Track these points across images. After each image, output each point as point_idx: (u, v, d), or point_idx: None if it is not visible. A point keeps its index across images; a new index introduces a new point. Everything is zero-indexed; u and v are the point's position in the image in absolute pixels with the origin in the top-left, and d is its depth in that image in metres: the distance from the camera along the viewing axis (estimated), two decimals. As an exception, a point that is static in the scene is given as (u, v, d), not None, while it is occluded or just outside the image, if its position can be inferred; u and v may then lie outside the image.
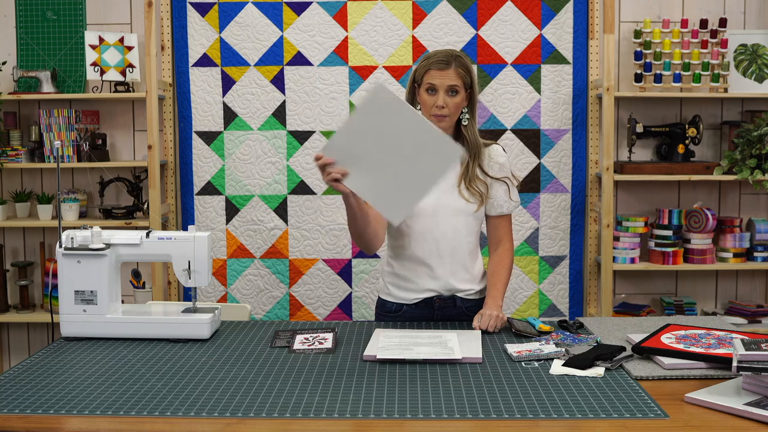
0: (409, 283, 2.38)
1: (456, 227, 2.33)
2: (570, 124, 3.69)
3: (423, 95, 2.30)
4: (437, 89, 2.27)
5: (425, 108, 2.31)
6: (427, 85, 2.28)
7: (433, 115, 2.29)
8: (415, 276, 2.36)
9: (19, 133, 3.76)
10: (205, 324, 2.16)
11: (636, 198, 3.81)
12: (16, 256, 3.92)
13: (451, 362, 1.92)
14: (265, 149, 3.71)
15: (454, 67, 2.27)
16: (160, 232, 2.25)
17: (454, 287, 2.36)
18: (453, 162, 2.06)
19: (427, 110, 2.30)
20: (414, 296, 2.37)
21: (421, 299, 2.37)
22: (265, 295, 3.75)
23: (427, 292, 2.36)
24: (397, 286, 2.40)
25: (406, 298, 2.38)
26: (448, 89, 2.27)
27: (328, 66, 3.67)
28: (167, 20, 3.71)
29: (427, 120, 2.14)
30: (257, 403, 1.66)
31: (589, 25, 3.65)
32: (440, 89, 2.27)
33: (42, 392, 1.74)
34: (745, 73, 3.66)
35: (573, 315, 3.72)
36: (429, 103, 2.29)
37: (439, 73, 2.27)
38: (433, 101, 2.28)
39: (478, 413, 1.59)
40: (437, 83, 2.27)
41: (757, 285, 3.85)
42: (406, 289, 2.38)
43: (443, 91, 2.27)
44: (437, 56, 2.30)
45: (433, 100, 2.28)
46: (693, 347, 1.88)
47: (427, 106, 2.29)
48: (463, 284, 2.37)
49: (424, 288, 2.36)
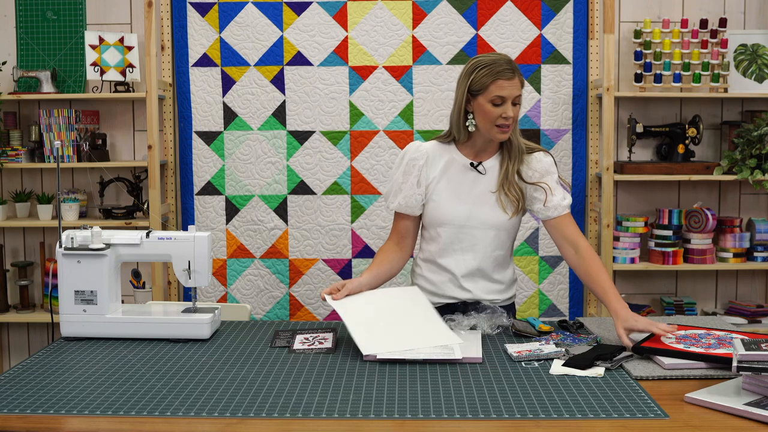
0: (435, 287, 2.36)
1: (485, 242, 2.30)
2: (570, 124, 3.69)
3: (486, 106, 2.20)
4: (506, 100, 2.19)
5: (487, 119, 2.21)
6: (494, 97, 2.18)
7: (497, 125, 2.21)
8: (441, 283, 2.35)
9: (19, 133, 3.76)
10: (205, 324, 2.16)
11: (636, 198, 3.81)
12: (16, 256, 3.92)
13: (452, 362, 1.92)
14: (265, 149, 3.71)
15: (518, 76, 2.21)
16: (160, 232, 2.25)
17: (479, 297, 2.34)
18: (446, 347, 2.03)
19: (489, 121, 2.21)
20: (438, 300, 2.36)
21: (444, 304, 2.37)
22: (265, 295, 3.76)
23: (452, 299, 2.36)
24: (424, 289, 2.38)
25: (431, 300, 2.33)
26: (514, 99, 2.21)
27: (328, 66, 3.67)
28: (167, 20, 3.71)
29: (438, 317, 2.18)
30: (257, 403, 1.66)
31: (589, 25, 3.65)
32: (508, 100, 2.19)
33: (42, 392, 1.74)
34: (745, 73, 3.66)
35: (573, 315, 3.72)
36: (494, 114, 2.19)
37: (509, 84, 2.18)
38: (499, 112, 2.19)
39: (478, 413, 1.59)
40: (506, 94, 2.18)
41: (757, 285, 3.85)
42: (432, 293, 2.37)
43: (510, 102, 2.20)
44: (501, 65, 2.19)
45: (500, 111, 2.19)
46: (693, 347, 1.88)
47: (491, 117, 2.20)
48: (489, 295, 2.35)
49: (449, 295, 2.35)
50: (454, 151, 2.34)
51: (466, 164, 2.31)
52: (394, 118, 3.67)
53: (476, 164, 2.31)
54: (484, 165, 2.31)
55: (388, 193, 2.38)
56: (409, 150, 2.36)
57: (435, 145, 2.35)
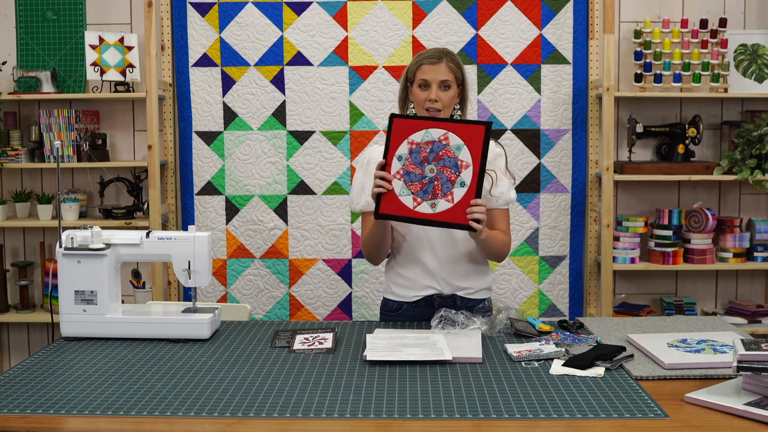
0: (408, 281, 2.38)
1: (449, 231, 2.32)
2: (570, 124, 3.69)
3: (416, 91, 2.31)
4: (430, 84, 2.28)
5: (418, 104, 2.32)
6: (419, 81, 2.29)
7: (426, 109, 2.29)
8: (414, 274, 2.37)
9: (19, 133, 3.76)
10: (205, 324, 2.16)
11: (636, 198, 3.81)
12: (16, 256, 3.92)
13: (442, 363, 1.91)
14: (265, 149, 3.71)
15: (445, 62, 2.30)
16: (160, 232, 2.25)
17: (454, 285, 2.37)
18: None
19: (420, 106, 2.31)
20: (414, 294, 2.38)
21: (421, 297, 2.38)
22: (265, 295, 3.76)
23: (427, 289, 2.37)
24: (398, 284, 2.41)
25: (406, 296, 2.39)
26: (440, 84, 2.28)
27: (328, 66, 3.67)
28: (167, 20, 3.71)
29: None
30: (257, 403, 1.66)
31: (589, 25, 3.65)
32: (433, 84, 2.28)
33: (42, 392, 1.74)
34: (745, 73, 3.66)
35: (573, 315, 3.72)
36: (422, 98, 2.29)
37: (431, 68, 2.28)
38: (425, 96, 2.29)
39: (478, 413, 1.59)
40: (430, 78, 2.28)
41: (757, 285, 3.85)
42: (406, 287, 2.39)
43: (436, 86, 2.28)
44: (428, 53, 2.33)
45: (425, 95, 2.29)
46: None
47: (420, 101, 2.30)
48: (463, 282, 2.38)
49: (423, 285, 2.37)
50: None
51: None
52: (394, 118, 3.67)
53: None
54: None
55: (353, 196, 2.41)
56: (369, 151, 2.45)
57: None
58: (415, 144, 2.14)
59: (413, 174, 2.14)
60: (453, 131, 2.13)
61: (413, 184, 2.15)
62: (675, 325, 2.24)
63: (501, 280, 3.70)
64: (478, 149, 2.11)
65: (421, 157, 2.14)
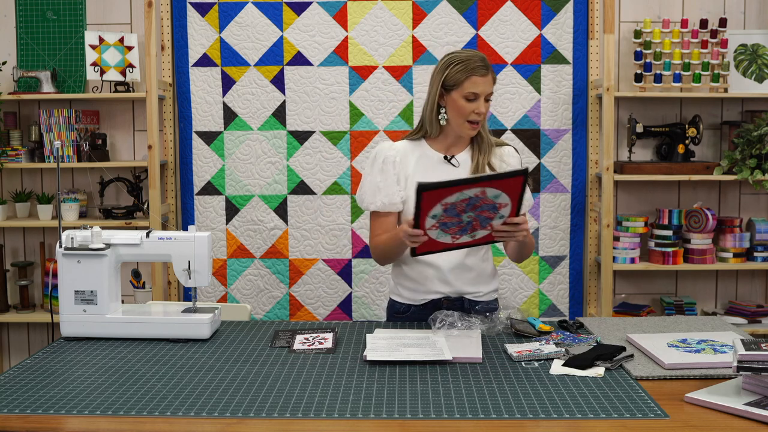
0: (417, 284, 2.37)
1: None
2: (570, 124, 3.69)
3: (459, 101, 2.23)
4: (479, 96, 2.23)
5: (460, 114, 2.25)
6: (468, 93, 2.22)
7: (469, 121, 2.25)
8: (423, 278, 2.36)
9: (19, 133, 3.76)
10: (205, 324, 2.16)
11: (636, 198, 3.81)
12: (16, 256, 3.92)
13: (442, 363, 1.91)
14: (265, 149, 3.71)
15: (490, 73, 2.25)
16: (160, 232, 2.25)
17: (462, 290, 2.36)
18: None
19: (462, 116, 2.25)
20: (422, 297, 2.37)
21: (429, 300, 2.37)
22: (265, 295, 3.75)
23: (435, 293, 2.36)
24: (406, 287, 2.40)
25: (414, 299, 2.38)
26: (486, 96, 2.25)
27: (328, 66, 3.67)
28: (167, 20, 3.71)
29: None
30: (257, 403, 1.66)
31: (589, 25, 3.65)
32: (481, 96, 2.23)
33: (42, 392, 1.74)
34: (745, 73, 3.66)
35: (573, 315, 3.72)
36: (467, 110, 2.23)
37: (483, 80, 2.22)
38: (472, 108, 2.23)
39: (478, 413, 1.59)
40: (480, 91, 2.22)
41: (757, 285, 3.85)
42: (414, 290, 2.38)
43: (483, 98, 2.24)
44: (475, 62, 2.23)
45: (473, 107, 2.23)
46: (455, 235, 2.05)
47: (464, 112, 2.24)
48: (471, 287, 2.37)
49: (432, 290, 2.36)
50: (425, 147, 2.36)
51: (439, 158, 2.34)
52: (394, 118, 3.67)
53: (449, 157, 2.34)
54: (457, 158, 2.34)
55: (364, 194, 2.36)
56: (383, 149, 2.36)
57: (406, 143, 2.38)
58: (449, 204, 1.96)
59: (449, 223, 2.02)
60: (489, 186, 1.95)
61: (451, 229, 2.03)
62: (675, 325, 2.24)
63: (501, 280, 3.70)
64: (517, 192, 2.00)
65: (458, 210, 1.99)
